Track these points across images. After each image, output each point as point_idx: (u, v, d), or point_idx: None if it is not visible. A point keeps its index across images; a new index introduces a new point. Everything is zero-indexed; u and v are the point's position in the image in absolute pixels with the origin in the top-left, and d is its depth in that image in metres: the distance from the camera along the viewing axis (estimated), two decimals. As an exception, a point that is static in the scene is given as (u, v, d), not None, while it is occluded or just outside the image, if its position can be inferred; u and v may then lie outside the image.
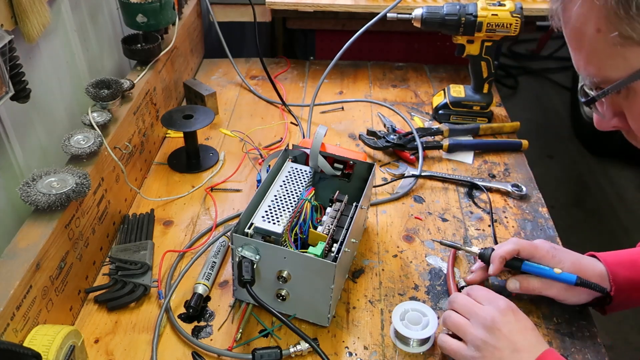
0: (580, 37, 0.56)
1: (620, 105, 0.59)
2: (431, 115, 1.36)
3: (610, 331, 1.91)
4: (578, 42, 0.57)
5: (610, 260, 0.82)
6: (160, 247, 0.98)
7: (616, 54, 0.53)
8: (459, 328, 0.75)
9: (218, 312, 0.87)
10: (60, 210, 0.80)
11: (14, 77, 0.78)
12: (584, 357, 0.80)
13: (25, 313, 0.71)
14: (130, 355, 0.80)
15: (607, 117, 0.61)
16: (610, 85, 0.56)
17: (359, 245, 0.98)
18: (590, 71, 0.57)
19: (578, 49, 0.58)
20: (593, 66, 0.57)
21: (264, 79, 1.50)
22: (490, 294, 0.77)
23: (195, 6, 1.53)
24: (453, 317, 0.76)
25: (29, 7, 0.85)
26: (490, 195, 1.10)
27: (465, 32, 1.20)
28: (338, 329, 0.84)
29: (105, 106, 0.98)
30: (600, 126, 0.63)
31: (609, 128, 0.63)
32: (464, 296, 0.78)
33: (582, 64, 0.58)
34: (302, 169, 0.94)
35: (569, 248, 0.88)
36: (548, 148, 2.92)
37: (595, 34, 0.53)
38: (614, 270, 0.81)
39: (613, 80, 0.55)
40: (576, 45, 0.58)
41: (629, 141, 0.64)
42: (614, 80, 0.55)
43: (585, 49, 0.56)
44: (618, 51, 0.53)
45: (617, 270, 0.81)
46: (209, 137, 1.28)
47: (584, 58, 0.57)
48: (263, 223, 0.81)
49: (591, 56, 0.56)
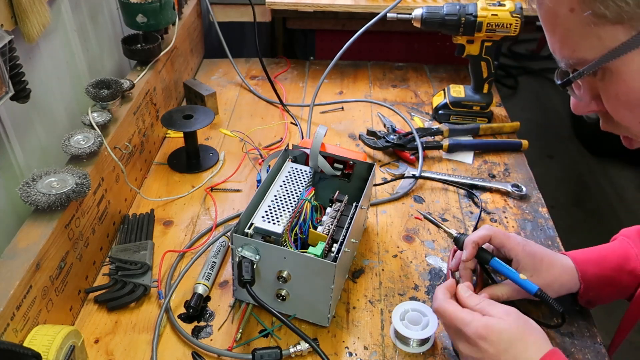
0: (554, 18, 0.55)
1: (597, 88, 0.58)
2: (431, 115, 1.36)
3: (610, 331, 1.91)
4: (552, 24, 0.56)
5: (579, 258, 0.82)
6: (160, 247, 0.98)
7: (590, 33, 0.52)
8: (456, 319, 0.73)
9: (218, 312, 0.87)
10: (60, 210, 0.80)
11: (14, 77, 0.78)
12: (584, 357, 0.80)
13: (25, 313, 0.71)
14: (130, 355, 0.80)
15: (585, 100, 0.60)
16: (585, 66, 0.55)
17: (359, 245, 0.98)
18: (565, 53, 0.57)
19: (552, 31, 0.57)
20: (567, 48, 0.56)
21: (264, 79, 1.50)
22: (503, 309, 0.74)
23: (195, 6, 1.53)
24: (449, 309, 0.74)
25: (29, 7, 0.85)
26: (489, 196, 1.10)
27: (465, 32, 1.20)
28: (338, 329, 0.84)
29: (105, 106, 0.98)
30: (577, 110, 0.63)
31: (586, 112, 0.62)
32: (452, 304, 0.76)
33: (557, 46, 0.57)
34: (302, 169, 0.94)
35: (569, 248, 0.88)
36: (548, 148, 2.92)
37: (569, 14, 0.53)
38: (583, 268, 0.81)
39: (588, 61, 0.54)
40: (550, 27, 0.57)
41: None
42: (589, 61, 0.54)
43: (560, 30, 0.56)
44: (592, 30, 0.52)
45: (586, 267, 0.81)
46: (209, 137, 1.28)
47: (559, 40, 0.56)
48: (263, 223, 0.81)
49: (565, 37, 0.55)
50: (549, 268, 0.81)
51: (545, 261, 0.82)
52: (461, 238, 0.86)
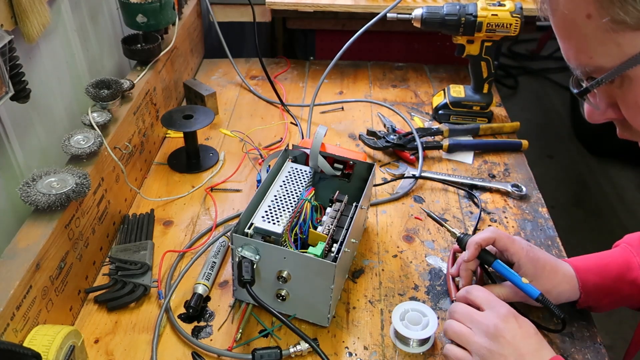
0: (570, 24, 0.52)
1: (614, 95, 0.56)
2: (431, 115, 1.36)
3: (610, 331, 1.91)
4: (567, 30, 0.54)
5: (580, 266, 0.82)
6: (160, 247, 0.98)
7: (608, 40, 0.50)
8: (461, 338, 0.73)
9: (218, 312, 0.87)
10: (60, 210, 0.80)
11: (14, 77, 0.78)
12: (584, 357, 0.80)
13: (25, 313, 0.71)
14: (130, 355, 0.80)
15: (601, 108, 0.58)
16: (603, 75, 0.52)
17: (359, 245, 0.98)
18: (581, 60, 0.54)
19: (567, 38, 0.54)
20: (584, 55, 0.53)
21: (264, 79, 1.50)
22: (490, 296, 0.76)
23: (195, 6, 1.53)
24: (455, 326, 0.75)
25: (29, 7, 0.85)
26: (489, 196, 1.10)
27: (465, 32, 1.20)
28: (338, 329, 0.84)
29: (105, 106, 0.98)
30: (592, 118, 0.60)
31: (602, 120, 0.59)
32: (464, 305, 0.77)
33: (573, 54, 0.55)
34: (302, 169, 0.94)
35: (569, 248, 0.88)
36: (548, 148, 2.92)
37: (586, 20, 0.50)
38: (584, 277, 0.81)
39: (606, 68, 0.52)
40: (565, 34, 0.54)
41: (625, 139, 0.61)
42: (607, 69, 0.52)
43: (575, 37, 0.53)
44: (610, 37, 0.49)
45: (587, 276, 0.81)
46: (209, 137, 1.28)
47: (574, 47, 0.54)
48: (263, 223, 0.81)
49: (582, 44, 0.53)
50: (550, 275, 0.81)
51: (547, 268, 0.81)
52: (464, 238, 0.86)
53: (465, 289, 0.80)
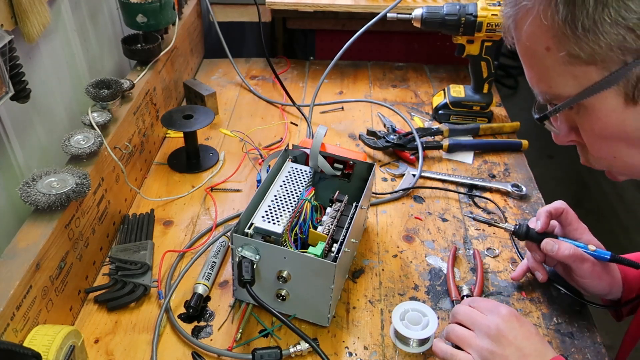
0: (531, 54, 0.57)
1: (574, 120, 0.60)
2: (431, 115, 1.36)
3: (610, 331, 1.91)
4: (529, 59, 0.58)
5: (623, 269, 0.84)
6: (160, 247, 0.98)
7: (566, 72, 0.54)
8: (463, 340, 0.73)
9: (218, 312, 0.87)
10: (60, 210, 0.80)
11: (14, 77, 0.78)
12: (584, 357, 0.80)
13: (25, 313, 0.71)
14: (130, 355, 0.80)
15: (563, 132, 0.62)
16: (561, 103, 0.57)
17: (359, 245, 0.98)
18: (542, 88, 0.58)
19: (530, 66, 0.59)
20: (544, 83, 0.57)
21: (264, 79, 1.50)
22: (491, 303, 0.75)
23: (195, 6, 1.53)
24: (457, 329, 0.74)
25: (29, 7, 0.85)
26: (489, 196, 1.10)
27: (465, 32, 1.20)
28: (338, 329, 0.84)
29: (105, 106, 0.98)
30: (558, 140, 0.65)
31: (566, 142, 0.64)
32: (466, 307, 0.76)
33: (535, 81, 0.59)
34: (302, 169, 0.94)
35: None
36: (548, 148, 2.91)
37: (545, 52, 0.54)
38: (625, 270, 0.83)
39: (564, 97, 0.56)
40: (528, 62, 0.59)
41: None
42: (565, 97, 0.56)
43: (537, 66, 0.57)
44: (567, 69, 0.53)
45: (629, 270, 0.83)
46: (209, 137, 1.28)
47: (536, 75, 0.58)
48: (263, 223, 0.81)
49: (542, 73, 0.57)
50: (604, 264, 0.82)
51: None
52: (521, 227, 0.86)
53: (469, 299, 0.79)
